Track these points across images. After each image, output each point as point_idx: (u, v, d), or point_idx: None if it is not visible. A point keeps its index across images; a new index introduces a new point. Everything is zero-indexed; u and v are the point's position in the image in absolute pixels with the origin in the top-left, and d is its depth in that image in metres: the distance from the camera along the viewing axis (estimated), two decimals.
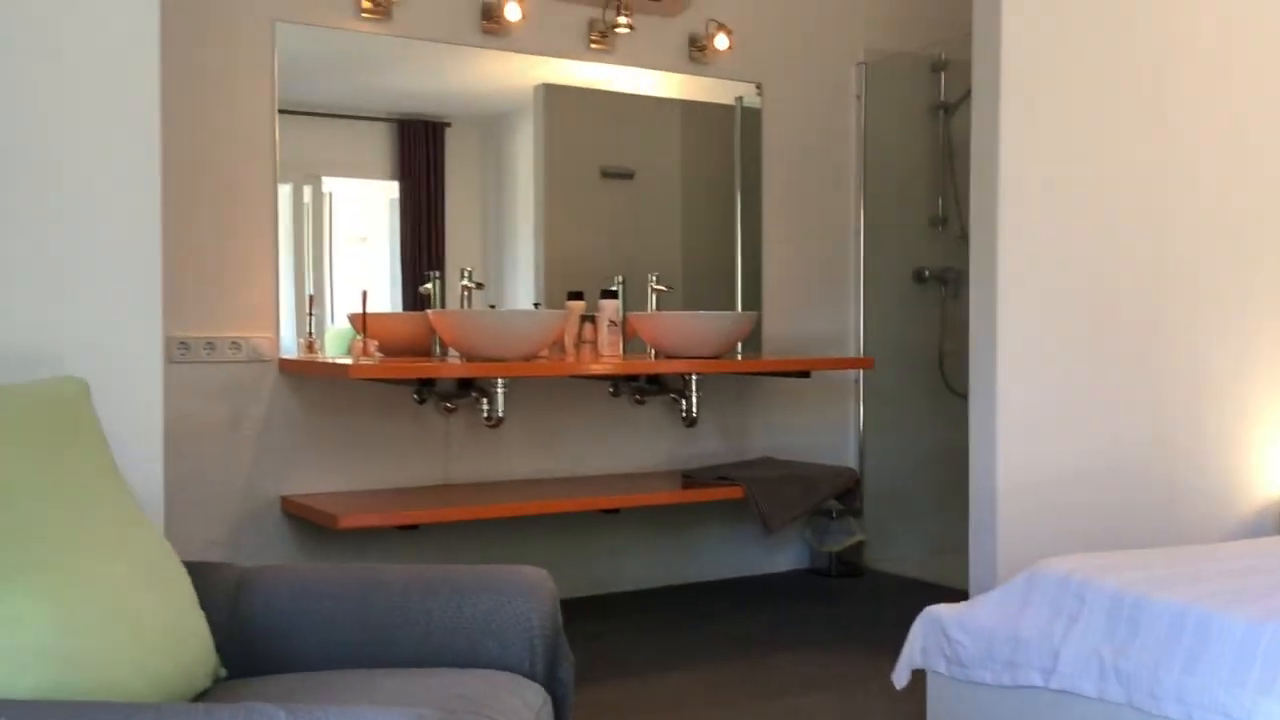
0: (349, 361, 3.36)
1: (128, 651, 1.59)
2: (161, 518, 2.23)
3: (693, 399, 3.87)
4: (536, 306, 3.96)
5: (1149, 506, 3.34)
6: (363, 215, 3.89)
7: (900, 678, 2.65)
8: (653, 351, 3.91)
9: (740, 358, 4.13)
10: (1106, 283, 3.30)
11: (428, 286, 3.72)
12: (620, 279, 3.97)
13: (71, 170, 2.15)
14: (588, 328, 3.85)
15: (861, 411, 4.63)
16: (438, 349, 3.65)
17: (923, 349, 4.76)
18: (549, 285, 4.01)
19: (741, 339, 3.98)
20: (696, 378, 3.86)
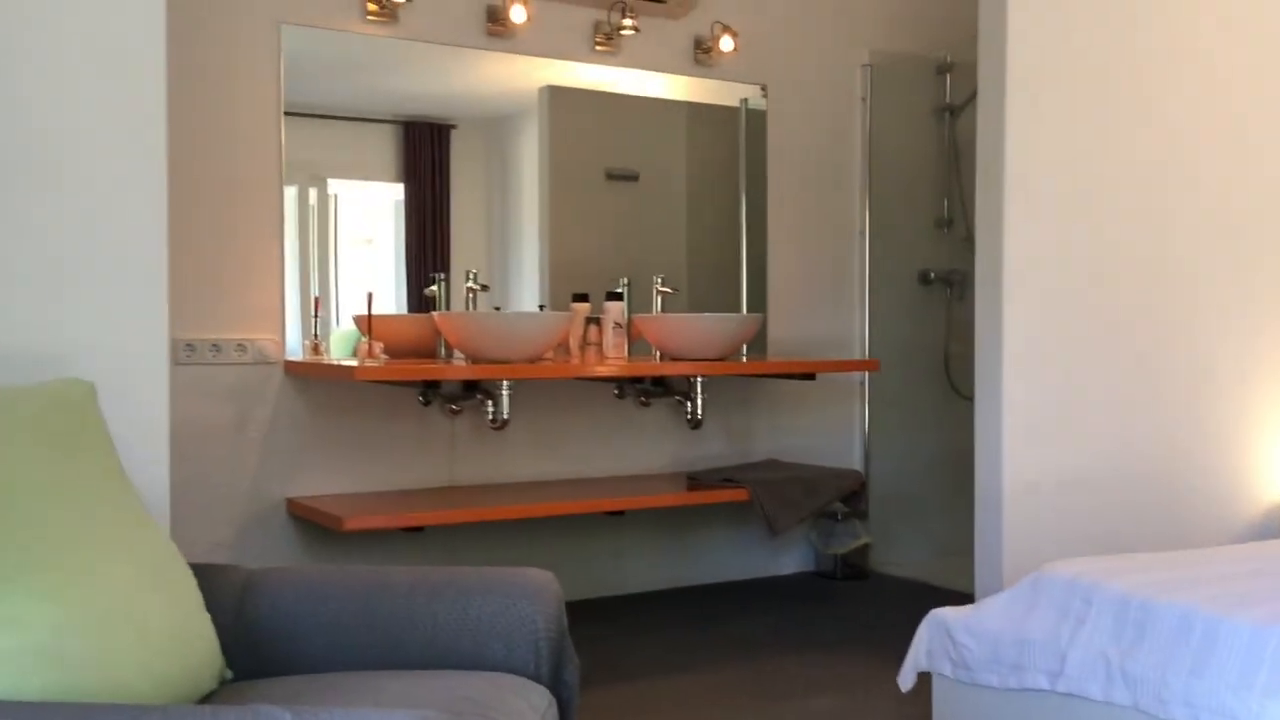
0: (354, 363, 3.36)
1: (134, 653, 1.59)
2: (167, 519, 2.23)
3: (698, 401, 3.87)
4: (541, 308, 3.96)
5: (1155, 509, 3.33)
6: (368, 217, 3.89)
7: (905, 681, 2.64)
8: (658, 353, 3.90)
9: (745, 360, 4.13)
10: (1111, 284, 3.29)
11: (433, 288, 3.72)
12: (625, 281, 3.97)
13: (77, 172, 2.15)
14: (593, 330, 3.85)
15: (867, 414, 4.63)
16: (443, 351, 3.66)
17: (928, 351, 4.76)
18: (554, 287, 4.01)
19: (746, 341, 3.97)
20: (701, 380, 3.86)
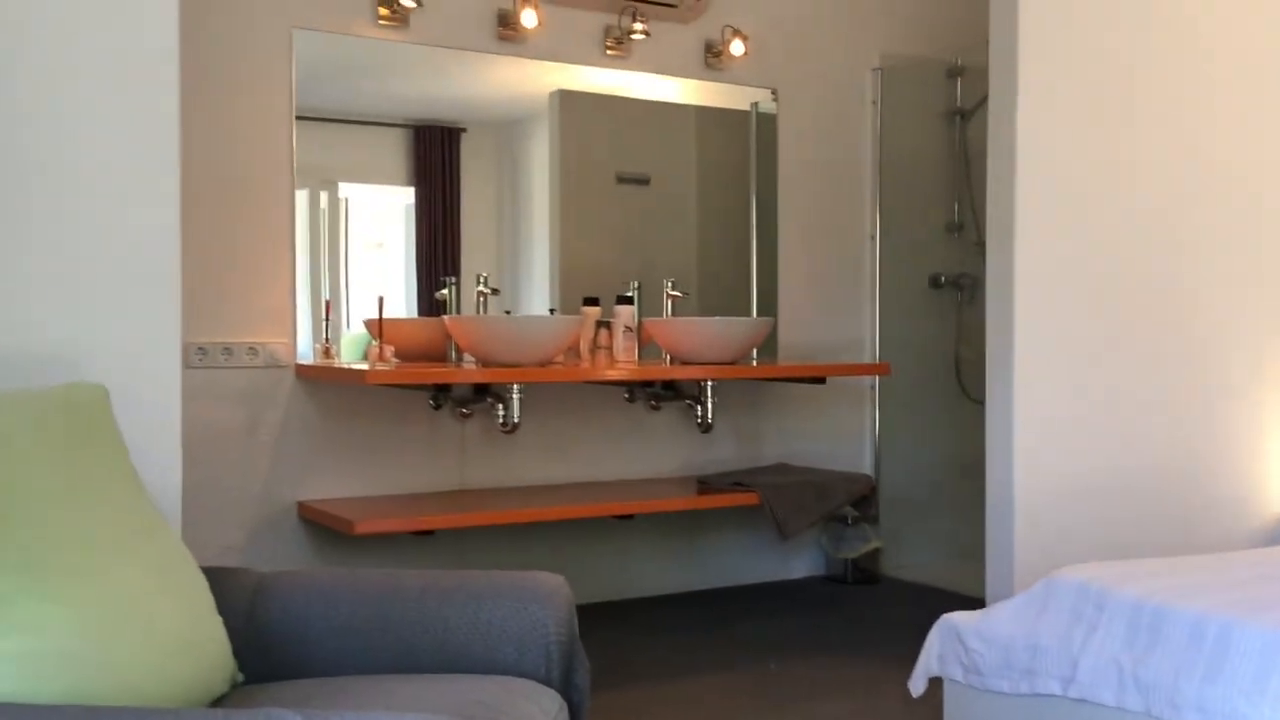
0: (365, 367, 3.37)
1: (145, 656, 1.59)
2: (179, 523, 2.23)
3: (708, 405, 3.87)
4: (552, 312, 3.97)
5: (1166, 514, 3.32)
6: (379, 221, 3.90)
7: (917, 686, 2.63)
8: (668, 357, 3.90)
9: (756, 364, 4.12)
10: (1123, 289, 3.29)
11: (443, 292, 3.72)
12: (636, 284, 3.97)
13: (91, 178, 2.16)
14: (603, 333, 3.85)
15: (877, 418, 4.62)
16: (453, 355, 3.66)
17: (939, 355, 4.75)
18: (564, 291, 4.02)
19: (757, 345, 3.97)
20: (712, 384, 3.86)
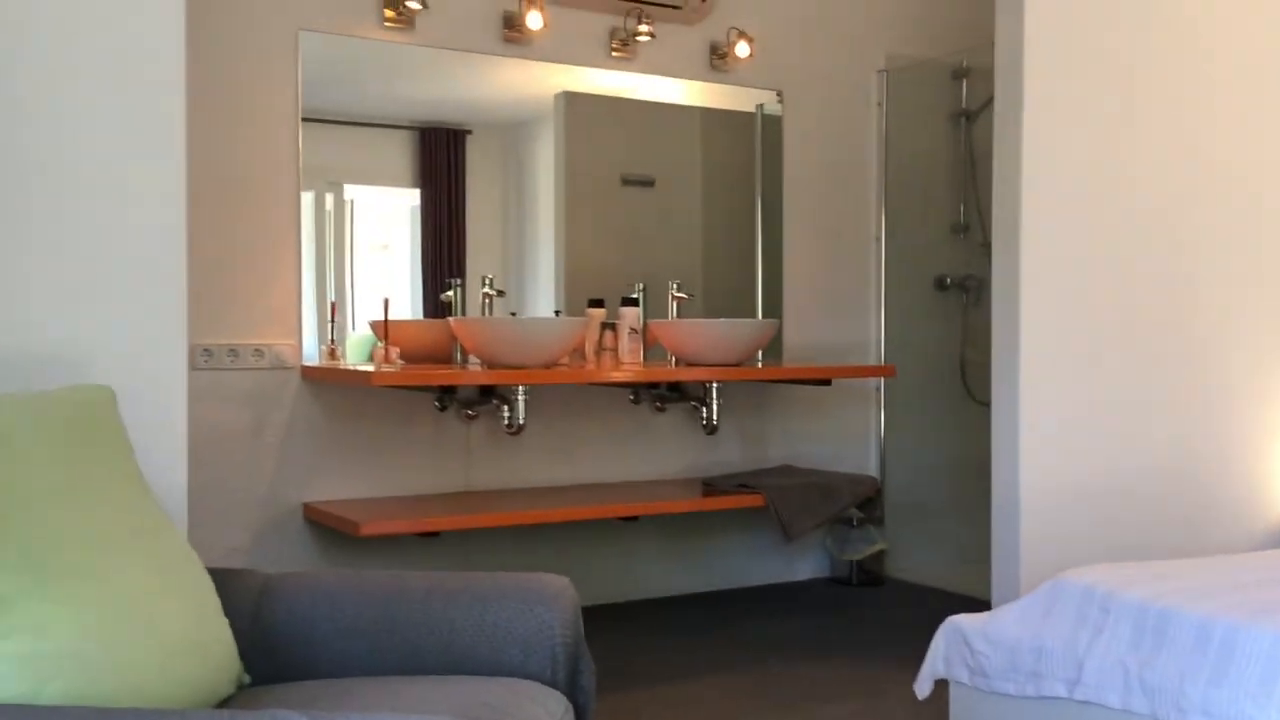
0: (370, 369, 3.37)
1: (151, 658, 1.59)
2: (185, 524, 2.23)
3: (713, 407, 3.87)
4: (557, 314, 3.97)
5: (1172, 516, 3.32)
6: (384, 222, 3.90)
7: (922, 688, 2.63)
8: (673, 359, 3.90)
9: (761, 365, 4.12)
10: (1129, 290, 3.28)
11: (449, 294, 3.73)
12: (641, 286, 3.96)
13: (97, 180, 2.16)
14: (608, 335, 3.85)
15: (882, 419, 4.62)
16: (459, 356, 3.66)
17: (944, 357, 4.75)
18: (569, 293, 4.02)
19: (762, 347, 3.97)
20: (717, 385, 3.86)
